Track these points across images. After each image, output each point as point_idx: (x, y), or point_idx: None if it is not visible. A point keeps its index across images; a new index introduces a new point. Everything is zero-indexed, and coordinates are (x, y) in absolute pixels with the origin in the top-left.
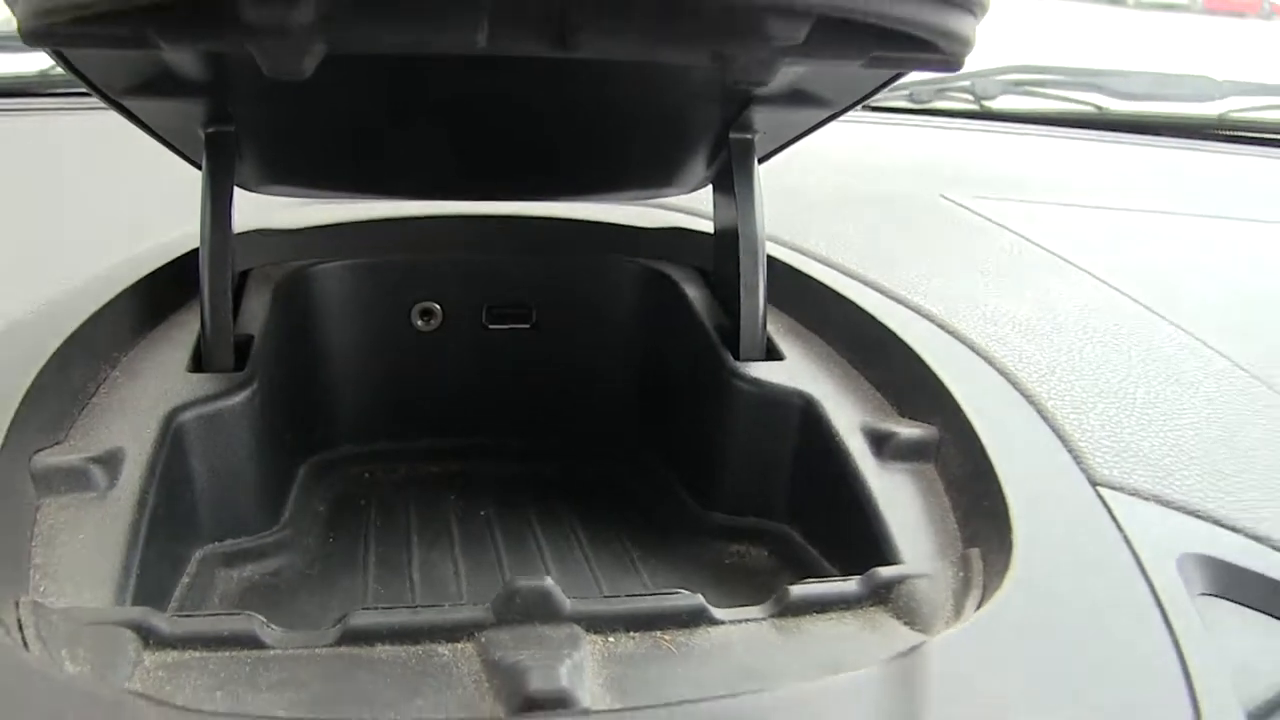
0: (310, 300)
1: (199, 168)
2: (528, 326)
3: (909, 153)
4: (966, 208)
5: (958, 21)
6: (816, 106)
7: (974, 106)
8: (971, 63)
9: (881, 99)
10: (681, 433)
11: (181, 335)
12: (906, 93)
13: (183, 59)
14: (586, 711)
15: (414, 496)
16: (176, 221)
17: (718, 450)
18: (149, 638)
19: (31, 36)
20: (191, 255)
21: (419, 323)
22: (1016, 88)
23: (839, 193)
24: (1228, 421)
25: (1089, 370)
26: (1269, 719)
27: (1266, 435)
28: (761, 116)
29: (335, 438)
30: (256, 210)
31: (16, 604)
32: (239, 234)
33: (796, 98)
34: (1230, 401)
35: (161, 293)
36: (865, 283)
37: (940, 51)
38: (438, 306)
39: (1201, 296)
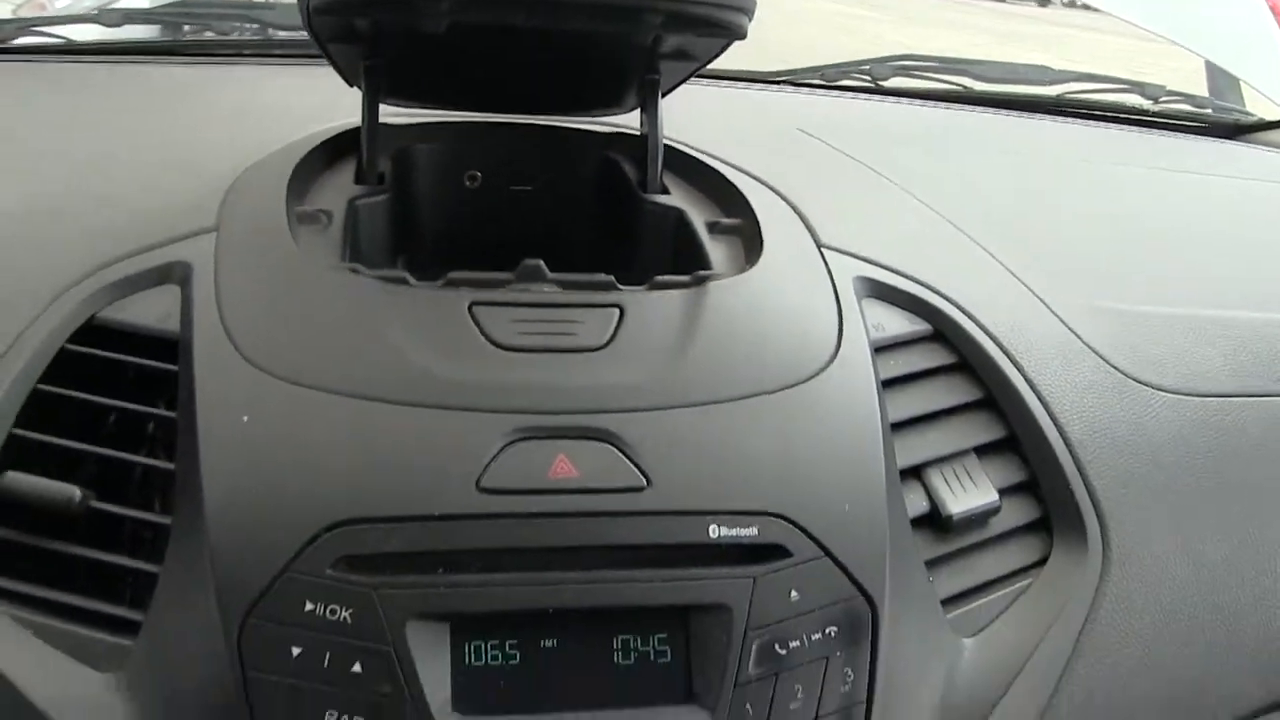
0: (410, 165)
1: (351, 85)
2: (531, 189)
3: (805, 112)
4: (813, 135)
5: (738, 17)
6: (688, 61)
7: (871, 84)
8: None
9: (799, 78)
10: (617, 235)
11: (350, 166)
12: (820, 73)
13: (367, 25)
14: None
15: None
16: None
17: (636, 241)
18: (357, 272)
19: (317, 13)
20: (354, 129)
21: (468, 183)
22: (904, 71)
23: (730, 121)
24: (907, 229)
25: (845, 206)
26: (886, 352)
27: (919, 237)
28: (662, 66)
29: (424, 245)
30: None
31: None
32: None
33: (678, 55)
34: (916, 222)
35: (338, 147)
36: (718, 158)
37: (734, 30)
38: (479, 173)
39: (950, 186)
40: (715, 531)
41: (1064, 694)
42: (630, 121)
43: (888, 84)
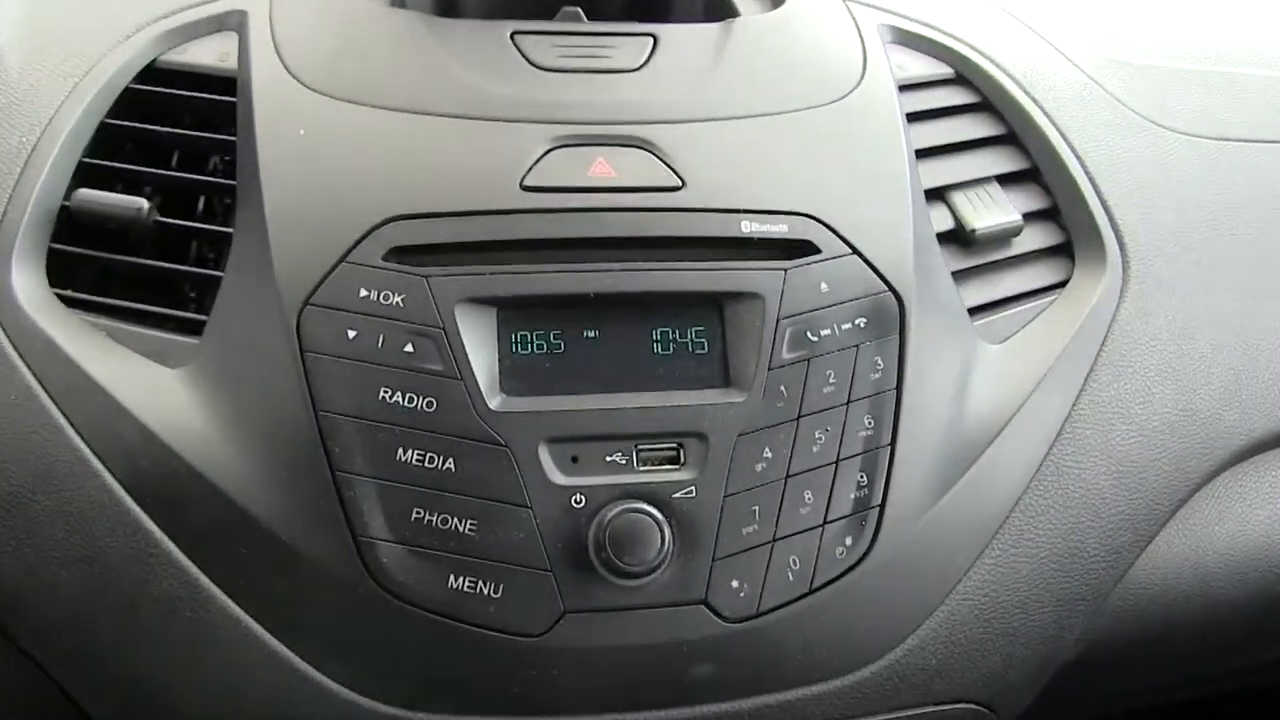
0: None
1: None
2: None
3: None
4: None
5: None
6: None
7: None
8: None
9: None
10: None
11: None
12: None
13: None
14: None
15: None
16: None
17: (668, 11)
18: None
19: None
20: None
21: None
22: None
23: None
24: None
25: None
26: (910, 90)
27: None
28: None
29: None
30: None
31: None
32: None
33: None
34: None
35: None
36: None
37: None
38: None
39: None
40: (747, 227)
41: (1086, 400)
42: None
43: None
